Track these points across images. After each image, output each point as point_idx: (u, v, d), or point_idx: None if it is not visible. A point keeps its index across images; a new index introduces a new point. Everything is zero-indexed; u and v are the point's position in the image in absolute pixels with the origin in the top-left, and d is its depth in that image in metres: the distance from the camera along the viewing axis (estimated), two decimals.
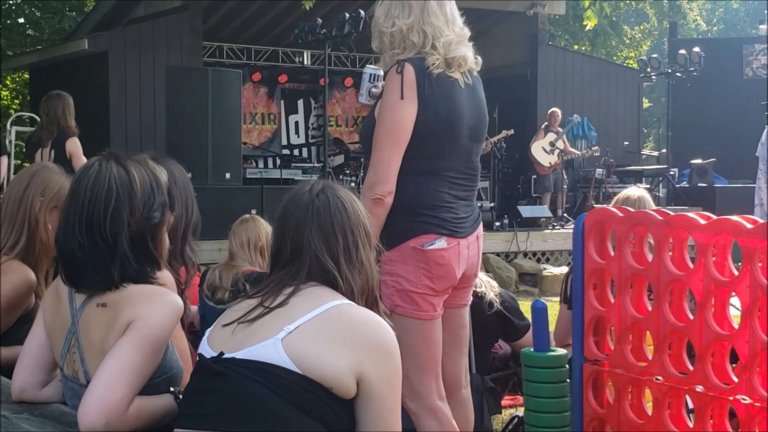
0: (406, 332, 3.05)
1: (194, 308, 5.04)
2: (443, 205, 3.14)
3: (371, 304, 2.26)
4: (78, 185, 2.30)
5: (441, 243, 3.10)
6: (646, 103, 25.45)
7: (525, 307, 4.76)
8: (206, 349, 2.17)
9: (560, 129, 14.34)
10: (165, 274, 2.47)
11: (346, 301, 2.17)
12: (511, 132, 13.90)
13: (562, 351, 2.98)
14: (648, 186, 15.15)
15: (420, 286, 3.09)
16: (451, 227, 3.13)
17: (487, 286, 4.47)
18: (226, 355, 2.10)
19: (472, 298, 3.45)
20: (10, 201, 3.11)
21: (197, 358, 2.19)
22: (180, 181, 2.84)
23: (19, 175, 3.20)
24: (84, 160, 7.42)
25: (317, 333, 2.08)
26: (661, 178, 15.48)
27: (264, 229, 4.87)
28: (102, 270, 2.24)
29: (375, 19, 3.23)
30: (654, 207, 3.92)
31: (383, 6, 3.22)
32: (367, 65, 3.45)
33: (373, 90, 3.39)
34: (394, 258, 3.07)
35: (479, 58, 3.26)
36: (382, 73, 3.33)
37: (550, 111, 14.40)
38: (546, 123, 14.34)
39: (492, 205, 13.14)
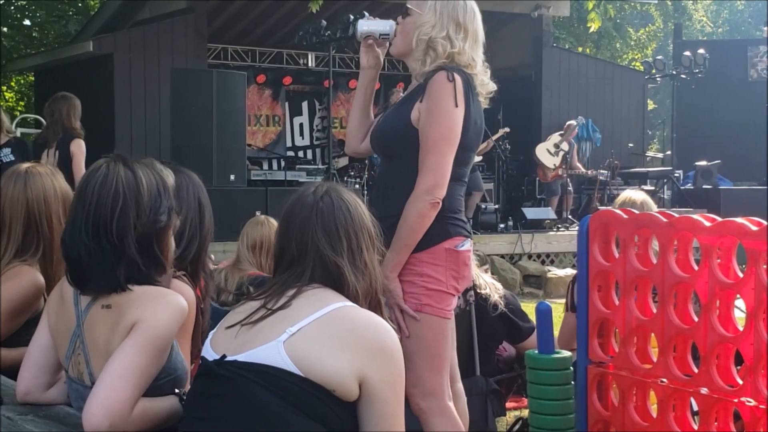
0: (431, 331, 3.12)
1: None
2: (462, 209, 3.27)
3: (375, 306, 2.26)
4: (85, 187, 2.29)
5: (468, 245, 3.22)
6: (650, 105, 25.42)
7: (530, 308, 4.77)
8: (209, 352, 2.17)
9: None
10: (185, 289, 2.47)
11: (348, 303, 2.17)
12: (507, 130, 13.90)
13: (566, 353, 2.98)
14: (653, 188, 15.15)
15: (448, 287, 3.16)
16: (469, 230, 3.27)
17: (491, 287, 4.47)
18: (228, 358, 2.10)
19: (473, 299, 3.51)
20: (12, 214, 3.04)
21: (200, 361, 2.19)
22: (204, 191, 2.86)
23: (11, 184, 3.08)
24: (83, 163, 7.43)
25: (320, 335, 2.08)
26: (665, 180, 15.46)
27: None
28: (108, 272, 2.24)
29: (424, 20, 3.17)
30: (656, 209, 3.92)
31: (433, 10, 3.18)
32: (397, 19, 3.34)
33: (371, 39, 3.36)
34: (425, 259, 3.12)
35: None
36: (391, 36, 3.32)
37: (567, 124, 14.41)
38: (561, 132, 14.35)
39: (496, 206, 13.13)
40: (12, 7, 19.24)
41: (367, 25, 3.38)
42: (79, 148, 7.61)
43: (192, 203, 2.74)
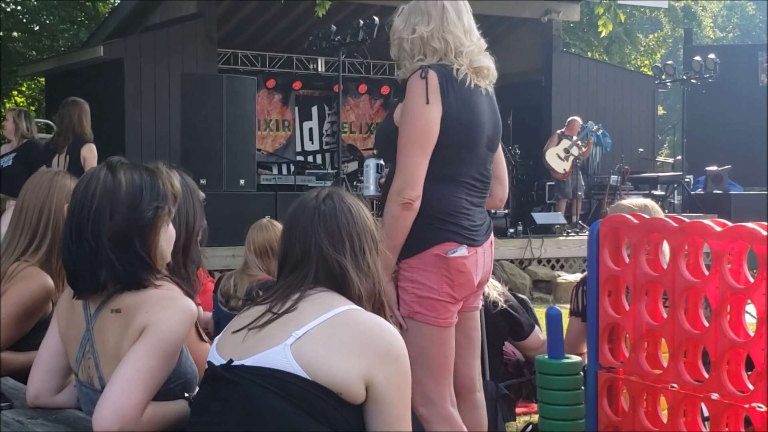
0: (423, 338, 3.07)
1: (208, 314, 5.03)
2: (462, 212, 3.15)
3: (378, 309, 2.26)
4: (74, 194, 2.32)
5: (462, 251, 3.12)
6: (660, 110, 25.38)
7: (540, 313, 4.76)
8: (215, 357, 2.18)
9: (575, 136, 14.25)
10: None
11: (354, 306, 2.17)
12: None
13: (576, 358, 2.97)
14: (663, 193, 15.11)
15: (441, 294, 3.09)
16: (470, 235, 3.15)
17: (489, 286, 4.48)
18: (235, 362, 2.11)
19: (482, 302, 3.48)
20: (28, 208, 3.10)
21: (206, 366, 2.19)
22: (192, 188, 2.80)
23: (35, 183, 3.17)
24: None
25: (326, 338, 2.08)
26: (676, 185, 15.43)
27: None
28: (88, 274, 2.25)
29: (394, 28, 3.25)
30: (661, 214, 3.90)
31: (402, 15, 3.24)
32: (368, 159, 3.52)
33: (381, 180, 3.48)
34: (415, 265, 3.08)
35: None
36: (383, 162, 3.41)
37: (570, 119, 14.28)
38: (562, 130, 14.25)
39: (506, 211, 13.09)
40: (25, 12, 19.31)
41: (371, 184, 3.84)
42: (90, 152, 7.64)
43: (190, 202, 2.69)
